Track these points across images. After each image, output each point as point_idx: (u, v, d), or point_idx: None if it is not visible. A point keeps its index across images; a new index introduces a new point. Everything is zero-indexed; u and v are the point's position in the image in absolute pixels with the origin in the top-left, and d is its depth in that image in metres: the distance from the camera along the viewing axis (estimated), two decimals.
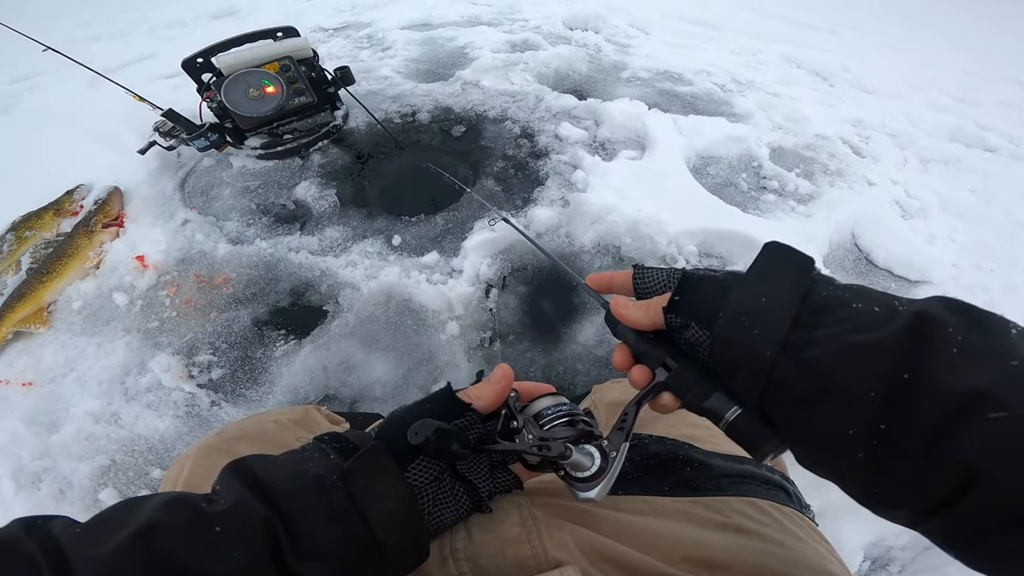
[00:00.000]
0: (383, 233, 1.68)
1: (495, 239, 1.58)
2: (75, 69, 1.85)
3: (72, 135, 2.16)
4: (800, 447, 0.35)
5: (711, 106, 2.53)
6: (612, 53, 2.95)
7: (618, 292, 0.48)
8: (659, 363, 0.41)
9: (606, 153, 2.01)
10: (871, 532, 1.16)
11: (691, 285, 0.40)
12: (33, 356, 1.41)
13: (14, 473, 1.17)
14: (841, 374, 0.30)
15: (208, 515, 0.32)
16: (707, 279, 0.40)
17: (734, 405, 0.36)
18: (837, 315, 0.33)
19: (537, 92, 2.31)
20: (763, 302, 0.35)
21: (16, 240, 1.68)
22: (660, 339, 0.42)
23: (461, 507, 0.43)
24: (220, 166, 1.93)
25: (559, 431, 0.43)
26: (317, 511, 0.34)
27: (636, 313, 0.42)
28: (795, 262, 0.37)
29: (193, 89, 1.80)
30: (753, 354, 0.34)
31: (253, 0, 3.83)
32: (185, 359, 1.38)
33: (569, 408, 0.46)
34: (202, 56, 1.76)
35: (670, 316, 0.40)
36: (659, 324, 0.41)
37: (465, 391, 0.46)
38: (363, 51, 2.87)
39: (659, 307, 0.40)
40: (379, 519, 0.36)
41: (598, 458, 0.40)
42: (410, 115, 2.19)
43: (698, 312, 0.38)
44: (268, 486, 0.35)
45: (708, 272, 0.41)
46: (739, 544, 0.45)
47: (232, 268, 1.57)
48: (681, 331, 0.39)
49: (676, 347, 0.41)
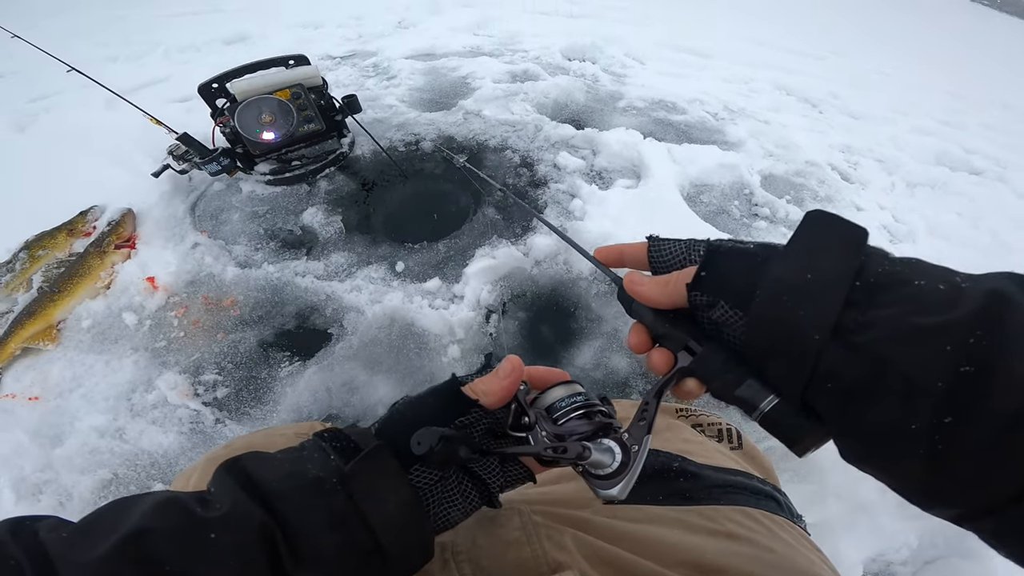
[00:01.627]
0: (387, 259, 1.74)
1: (496, 266, 1.64)
2: (92, 90, 1.91)
3: (88, 156, 2.22)
4: (849, 441, 0.32)
5: (704, 134, 2.61)
6: (609, 83, 3.05)
7: (630, 266, 0.44)
8: (681, 346, 0.38)
9: (603, 182, 2.08)
10: (870, 547, 1.17)
11: (719, 259, 0.35)
12: (40, 372, 1.44)
13: (15, 484, 1.19)
14: (902, 362, 0.27)
15: (202, 521, 0.31)
16: (738, 252, 0.35)
17: (770, 394, 0.33)
18: (896, 294, 0.29)
19: (536, 122, 2.39)
20: (809, 279, 0.30)
21: (29, 259, 1.72)
22: (681, 319, 0.38)
23: (470, 503, 0.41)
24: (230, 191, 2.00)
25: (575, 425, 0.41)
26: (316, 516, 0.33)
27: (654, 290, 0.38)
28: (845, 233, 0.33)
29: (205, 113, 1.86)
30: (797, 338, 0.30)
31: (264, 27, 3.95)
32: (191, 378, 1.42)
33: (584, 399, 0.42)
34: (217, 82, 1.82)
35: (694, 294, 0.35)
36: (681, 303, 0.37)
37: (471, 385, 0.43)
38: (369, 79, 2.96)
39: (682, 283, 0.36)
40: (382, 525, 0.34)
41: (619, 454, 0.37)
42: (414, 143, 2.26)
43: (728, 289, 0.34)
44: (264, 488, 0.33)
45: (737, 244, 0.36)
46: (732, 550, 0.46)
47: (240, 291, 1.62)
48: (706, 310, 0.35)
49: (699, 327, 0.37)
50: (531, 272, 1.68)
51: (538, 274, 1.67)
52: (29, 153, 2.39)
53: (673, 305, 0.38)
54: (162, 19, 4.52)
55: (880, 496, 1.22)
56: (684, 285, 0.36)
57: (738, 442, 0.68)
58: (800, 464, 1.26)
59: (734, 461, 0.62)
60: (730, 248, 0.36)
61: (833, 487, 1.22)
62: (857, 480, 1.23)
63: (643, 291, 0.39)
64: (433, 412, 0.41)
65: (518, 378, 0.43)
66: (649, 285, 0.39)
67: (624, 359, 1.48)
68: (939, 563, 1.18)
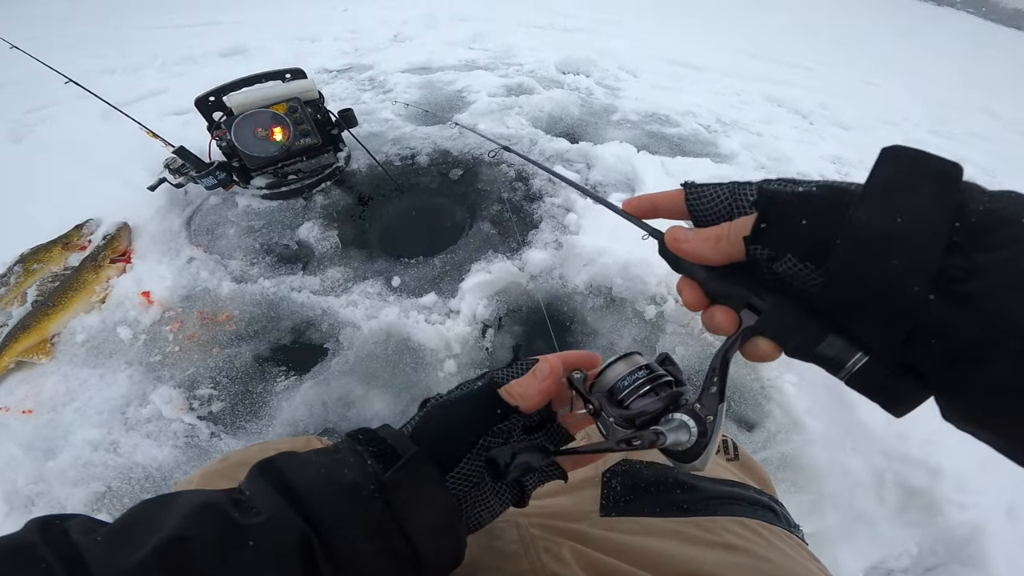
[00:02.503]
0: (383, 274, 1.75)
1: (492, 281, 1.65)
2: (89, 101, 1.92)
3: (83, 168, 2.22)
4: (953, 401, 0.29)
5: (697, 147, 2.64)
6: (603, 96, 3.09)
7: (664, 217, 0.40)
8: (743, 304, 0.34)
9: None
10: (870, 555, 1.17)
11: (780, 208, 0.31)
12: (34, 385, 1.44)
13: (7, 496, 1.19)
14: (1017, 313, 0.24)
15: (241, 528, 0.30)
16: (801, 198, 0.30)
17: (858, 351, 0.30)
18: (1004, 234, 0.25)
19: (531, 135, 2.42)
20: (899, 222, 0.27)
21: (24, 272, 1.72)
22: (738, 273, 0.34)
23: (502, 504, 0.41)
24: (226, 205, 2.00)
25: (643, 404, 0.38)
26: (354, 523, 0.33)
27: (704, 247, 0.34)
28: (935, 167, 0.28)
29: (201, 127, 1.87)
30: (892, 291, 0.27)
31: (261, 39, 3.98)
32: (186, 392, 1.42)
33: (648, 372, 0.40)
34: (214, 95, 1.83)
35: (754, 248, 0.31)
36: (736, 257, 0.33)
37: (508, 388, 0.41)
38: (365, 93, 2.99)
39: (737, 238, 0.32)
40: (419, 533, 0.34)
41: (694, 427, 0.35)
42: (410, 157, 2.28)
43: (795, 241, 0.30)
44: (301, 493, 0.33)
45: (792, 187, 0.32)
46: (729, 560, 0.46)
47: (235, 306, 1.62)
48: (768, 264, 0.31)
49: (758, 280, 0.33)
50: (527, 286, 1.69)
51: (534, 288, 1.69)
52: (25, 164, 2.39)
53: (727, 261, 0.34)
54: (159, 31, 4.55)
55: (878, 504, 1.23)
56: (741, 239, 0.32)
57: (734, 453, 0.68)
58: (797, 474, 1.27)
59: (731, 472, 0.63)
60: (789, 194, 0.31)
61: (831, 496, 1.23)
62: (854, 489, 1.24)
63: (690, 248, 0.35)
64: (470, 418, 0.40)
65: (557, 379, 0.41)
66: (697, 242, 0.34)
67: None
68: (939, 570, 1.19)
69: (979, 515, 1.18)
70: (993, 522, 1.18)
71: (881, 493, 1.25)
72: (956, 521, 1.18)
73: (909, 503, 1.23)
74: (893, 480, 1.25)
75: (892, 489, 1.25)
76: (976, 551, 1.15)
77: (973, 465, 1.26)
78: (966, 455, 1.28)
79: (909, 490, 1.24)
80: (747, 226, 0.32)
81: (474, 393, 0.42)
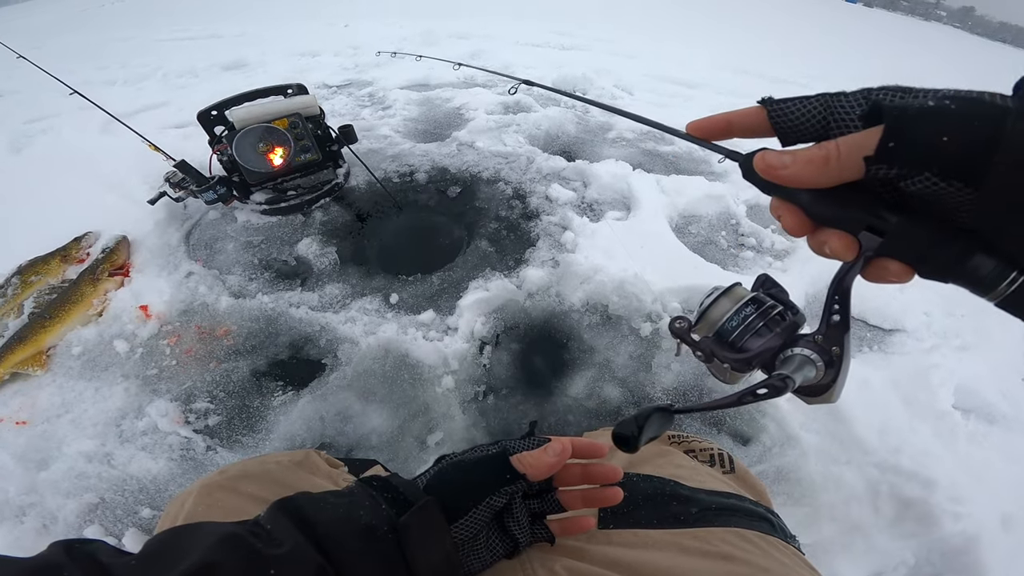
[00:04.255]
0: (381, 291, 1.76)
1: (489, 298, 1.67)
2: (90, 112, 1.93)
3: (83, 180, 2.23)
4: None
5: (691, 165, 2.68)
6: (599, 114, 3.13)
7: (741, 136, 0.37)
8: (863, 226, 0.31)
9: (594, 214, 2.13)
10: (867, 566, 1.18)
11: (914, 122, 0.27)
12: (29, 397, 1.44)
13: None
14: None
15: (266, 558, 0.33)
16: (938, 112, 0.27)
17: (1013, 270, 0.28)
18: None
19: (529, 154, 2.45)
20: None
21: (21, 284, 1.72)
22: (851, 193, 0.31)
23: (494, 556, 0.46)
24: (225, 220, 2.01)
25: (760, 344, 0.35)
26: (369, 560, 0.37)
27: (809, 170, 0.30)
28: None
29: (202, 140, 1.88)
30: None
31: (262, 54, 4.03)
32: (183, 405, 1.42)
33: (756, 307, 0.37)
34: (217, 109, 1.85)
35: (878, 167, 0.28)
36: (850, 178, 0.30)
37: (519, 457, 0.46)
38: (364, 109, 3.03)
39: (854, 157, 0.29)
40: (423, 571, 0.39)
41: (819, 361, 0.33)
42: (408, 175, 2.31)
43: (936, 157, 0.27)
44: (320, 530, 0.37)
45: (911, 99, 0.29)
46: (727, 571, 0.46)
47: (233, 321, 1.63)
48: (893, 182, 0.29)
49: (875, 199, 0.31)
50: (524, 304, 1.70)
51: (531, 306, 1.70)
52: (24, 176, 2.40)
53: (837, 183, 0.30)
54: (161, 43, 4.60)
55: (874, 516, 1.24)
56: (860, 159, 0.29)
57: (730, 466, 0.69)
58: (792, 487, 1.28)
59: (726, 485, 0.64)
60: (921, 109, 0.27)
61: (827, 509, 1.24)
62: (850, 501, 1.25)
63: (791, 174, 0.31)
64: (481, 479, 0.45)
65: (565, 459, 0.46)
66: (799, 165, 0.30)
67: (617, 389, 1.50)
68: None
69: (973, 525, 1.20)
70: (988, 531, 1.19)
71: (876, 504, 1.26)
72: (951, 531, 1.19)
73: (904, 514, 1.24)
74: (888, 492, 1.26)
75: (887, 501, 1.26)
76: (972, 560, 1.16)
77: (966, 476, 1.28)
78: (959, 466, 1.30)
79: (904, 501, 1.25)
80: (863, 144, 0.29)
81: (487, 457, 0.47)
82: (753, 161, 0.33)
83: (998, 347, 1.69)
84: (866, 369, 1.54)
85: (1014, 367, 1.65)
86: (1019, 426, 1.46)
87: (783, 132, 0.34)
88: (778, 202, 0.34)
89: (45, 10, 6.72)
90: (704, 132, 0.38)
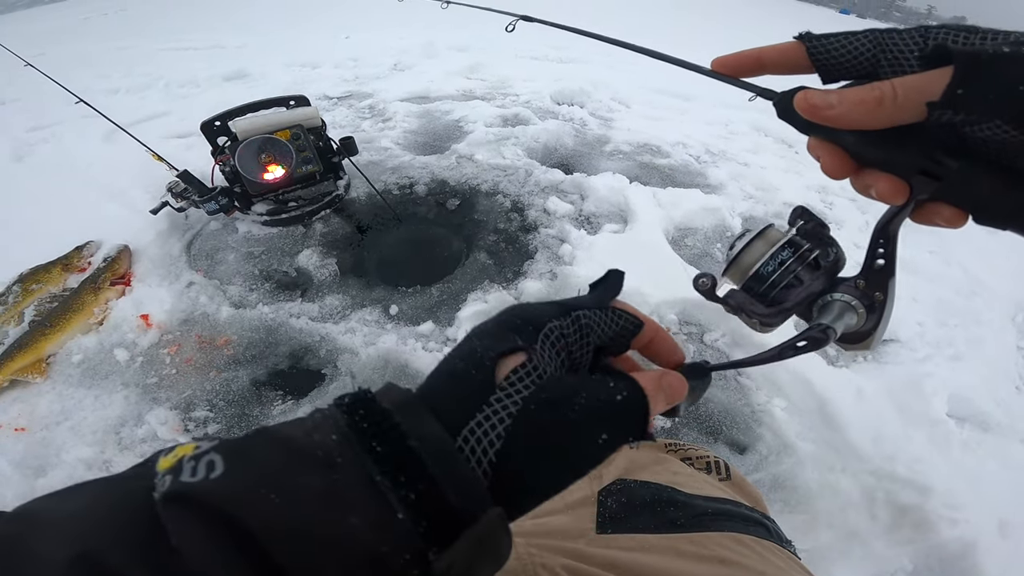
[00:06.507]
0: (381, 302, 1.77)
1: (488, 310, 1.69)
2: (93, 121, 1.94)
3: (85, 189, 2.25)
4: None
5: (687, 178, 2.71)
6: (596, 127, 3.17)
7: (774, 73, 0.35)
8: (917, 170, 0.29)
9: (591, 227, 2.15)
10: (865, 573, 1.19)
11: (988, 67, 0.25)
12: (28, 404, 1.45)
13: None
14: None
15: None
16: (1008, 57, 0.24)
17: None
18: None
19: (527, 166, 2.48)
20: None
21: (22, 292, 1.73)
22: (900, 133, 0.28)
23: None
24: (226, 230, 2.03)
25: (799, 292, 0.33)
26: None
27: (859, 111, 0.28)
28: None
29: (204, 150, 1.90)
30: None
31: (263, 65, 4.07)
32: (182, 414, 1.43)
33: (793, 250, 0.34)
34: (220, 120, 1.86)
35: (943, 112, 0.26)
36: (907, 120, 0.27)
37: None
38: (365, 121, 3.06)
39: (915, 100, 0.26)
40: None
41: (861, 307, 0.32)
42: (408, 187, 2.33)
43: (1011, 105, 0.24)
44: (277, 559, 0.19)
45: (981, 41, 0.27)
46: (723, 574, 0.46)
47: (234, 330, 1.64)
48: (957, 127, 0.26)
49: (930, 140, 0.28)
50: None
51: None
52: (26, 184, 2.41)
53: (891, 125, 0.28)
54: (164, 53, 4.64)
55: (871, 522, 1.25)
56: (922, 104, 0.26)
57: (726, 474, 0.69)
58: (789, 495, 1.29)
59: (722, 491, 0.64)
60: (995, 54, 0.25)
61: (824, 516, 1.25)
62: (846, 508, 1.27)
63: (838, 114, 0.28)
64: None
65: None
66: (847, 106, 0.28)
67: None
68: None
69: (970, 530, 1.21)
70: (985, 537, 1.21)
71: (873, 511, 1.27)
72: (948, 537, 1.21)
73: (901, 520, 1.25)
74: (884, 499, 1.28)
75: (883, 507, 1.27)
76: (969, 566, 1.17)
77: (961, 482, 1.29)
78: (954, 473, 1.32)
79: (900, 508, 1.26)
80: (925, 87, 0.26)
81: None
82: (794, 100, 0.30)
83: (991, 356, 1.71)
84: (860, 378, 1.55)
85: (1007, 376, 1.68)
86: (1014, 434, 1.48)
87: (825, 69, 0.32)
88: (817, 142, 0.32)
89: (47, 18, 6.77)
90: (731, 69, 0.35)
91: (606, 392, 0.27)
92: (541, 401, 0.26)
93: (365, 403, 0.25)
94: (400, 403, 0.25)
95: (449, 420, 0.25)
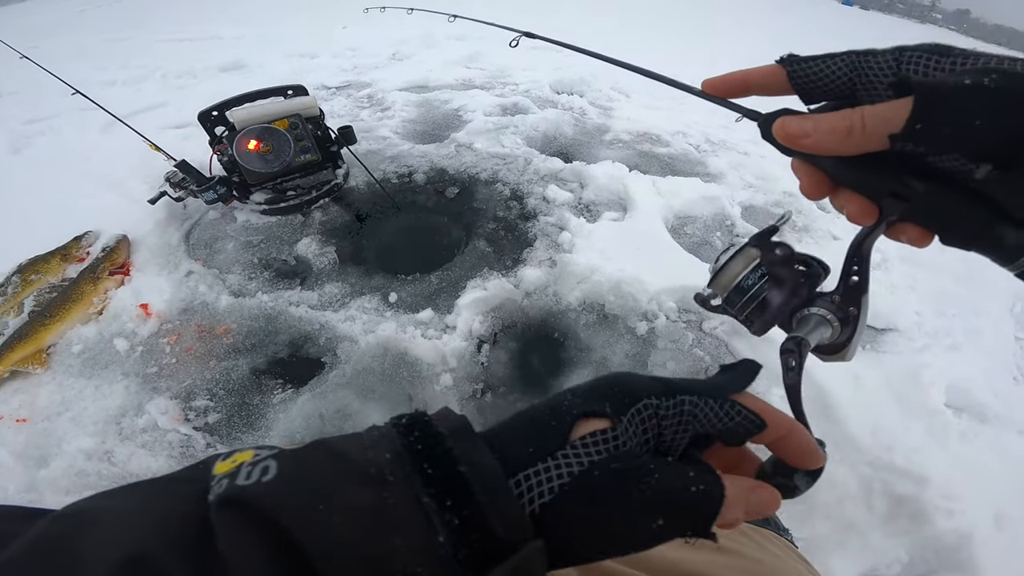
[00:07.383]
0: (380, 290, 1.77)
1: (487, 297, 1.69)
2: (89, 113, 1.93)
3: (83, 180, 2.25)
4: None
5: (687, 166, 2.69)
6: (596, 116, 3.16)
7: (759, 94, 0.36)
8: (886, 193, 0.30)
9: (590, 215, 2.14)
10: (862, 563, 1.19)
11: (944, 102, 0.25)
12: (29, 395, 1.45)
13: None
14: None
15: None
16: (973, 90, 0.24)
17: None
18: None
19: (526, 155, 2.46)
20: None
21: (21, 283, 1.73)
22: (874, 159, 0.29)
23: None
24: (225, 219, 2.03)
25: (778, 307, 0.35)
26: None
27: (831, 140, 0.29)
28: None
29: (202, 140, 1.90)
30: None
31: (260, 55, 4.04)
32: (183, 403, 1.43)
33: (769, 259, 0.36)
34: (217, 109, 1.86)
35: (904, 144, 0.27)
36: (873, 149, 0.28)
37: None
38: (363, 110, 3.04)
39: (883, 131, 0.27)
40: None
41: (835, 321, 0.33)
42: (407, 175, 2.32)
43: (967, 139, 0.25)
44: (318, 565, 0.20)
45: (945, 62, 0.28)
46: (721, 562, 0.48)
47: (233, 319, 1.64)
48: (919, 157, 0.27)
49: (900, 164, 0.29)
50: (521, 303, 1.72)
51: (528, 305, 1.72)
52: (24, 176, 2.40)
53: (860, 152, 0.29)
54: (160, 44, 4.60)
55: (868, 513, 1.25)
56: (887, 137, 0.27)
57: None
58: None
59: None
60: (954, 86, 0.25)
61: (821, 507, 1.26)
62: (843, 499, 1.27)
63: (812, 144, 0.29)
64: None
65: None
66: (820, 136, 0.29)
67: None
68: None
69: (967, 522, 1.21)
70: (981, 528, 1.21)
71: (870, 502, 1.28)
72: (944, 528, 1.21)
73: (897, 511, 1.26)
74: (881, 489, 1.28)
75: (880, 498, 1.28)
76: (965, 557, 1.18)
77: (959, 473, 1.30)
78: (951, 464, 1.32)
79: (897, 499, 1.27)
80: (889, 118, 0.27)
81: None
82: (772, 128, 0.32)
83: (989, 347, 1.71)
84: (858, 368, 1.55)
85: (1005, 366, 1.68)
86: (1011, 425, 1.48)
87: (805, 92, 0.33)
88: (798, 163, 0.33)
89: (42, 10, 6.71)
90: (720, 90, 0.37)
91: (682, 481, 0.26)
92: (607, 470, 0.25)
93: (421, 425, 0.26)
94: (454, 429, 0.26)
95: (513, 459, 0.25)
